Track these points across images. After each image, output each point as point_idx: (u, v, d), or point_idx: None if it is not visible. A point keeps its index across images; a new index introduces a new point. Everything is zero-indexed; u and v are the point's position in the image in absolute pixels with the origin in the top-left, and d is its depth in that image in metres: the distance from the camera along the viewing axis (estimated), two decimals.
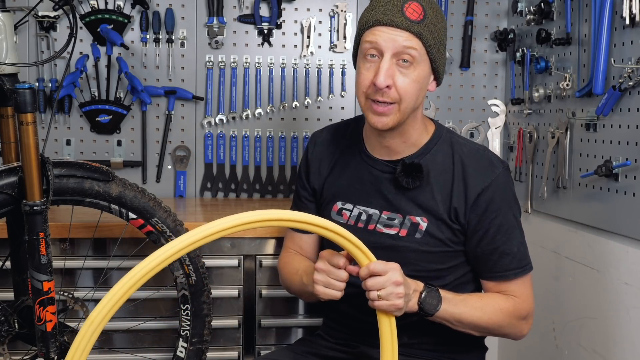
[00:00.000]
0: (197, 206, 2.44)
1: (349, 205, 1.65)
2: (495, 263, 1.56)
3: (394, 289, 1.35)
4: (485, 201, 1.53)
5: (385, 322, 1.38)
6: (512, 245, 1.56)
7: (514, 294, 1.57)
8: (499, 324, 1.53)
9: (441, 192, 1.55)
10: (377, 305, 1.36)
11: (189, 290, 1.86)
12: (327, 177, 1.70)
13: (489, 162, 1.57)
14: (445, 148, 1.59)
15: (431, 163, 1.57)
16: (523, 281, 1.58)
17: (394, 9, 1.45)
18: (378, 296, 1.34)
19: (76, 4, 2.47)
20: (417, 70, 1.47)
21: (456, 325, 1.50)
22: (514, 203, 1.59)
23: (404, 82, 1.46)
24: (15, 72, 1.62)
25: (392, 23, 1.44)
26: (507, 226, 1.55)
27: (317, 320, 2.09)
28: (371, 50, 1.46)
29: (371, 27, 1.46)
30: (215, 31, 2.57)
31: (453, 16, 2.68)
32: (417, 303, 1.43)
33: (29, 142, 1.57)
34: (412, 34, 1.44)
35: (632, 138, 1.85)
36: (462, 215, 1.54)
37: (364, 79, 1.48)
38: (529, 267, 1.60)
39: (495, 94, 2.71)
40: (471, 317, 1.49)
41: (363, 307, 1.64)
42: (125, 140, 2.58)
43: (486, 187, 1.53)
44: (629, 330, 1.85)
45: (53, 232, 1.70)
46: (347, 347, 1.68)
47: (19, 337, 1.75)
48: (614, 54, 1.90)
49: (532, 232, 2.40)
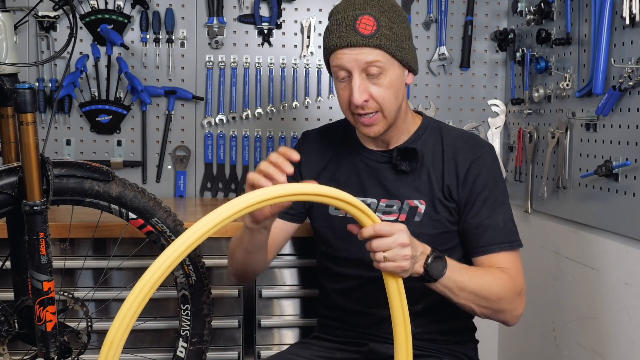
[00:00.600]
0: (197, 206, 2.44)
1: None
2: (481, 236, 1.57)
3: (400, 251, 1.33)
4: (473, 175, 1.59)
5: (392, 284, 1.36)
6: (497, 220, 1.58)
7: (505, 267, 1.58)
8: (499, 295, 1.52)
9: (435, 173, 1.61)
10: (382, 266, 1.34)
11: (189, 290, 1.86)
12: (321, 172, 1.71)
13: (476, 141, 1.66)
14: (435, 134, 1.66)
15: (423, 148, 1.63)
16: (512, 256, 1.58)
17: (347, 29, 1.49)
18: (384, 257, 1.33)
19: (76, 4, 2.47)
20: (388, 77, 1.52)
21: (458, 294, 1.47)
22: (500, 182, 1.63)
23: (379, 91, 1.51)
24: (15, 72, 1.62)
25: (349, 44, 1.49)
26: (493, 200, 1.59)
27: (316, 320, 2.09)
28: (340, 72, 1.53)
29: (333, 51, 1.52)
30: (215, 31, 2.57)
31: (453, 16, 2.68)
32: (423, 266, 1.41)
33: (29, 142, 1.57)
34: (371, 47, 1.49)
35: (632, 138, 1.85)
36: (455, 191, 1.60)
37: (343, 99, 1.55)
38: (517, 243, 1.60)
39: (495, 94, 2.71)
40: (474, 285, 1.48)
41: (366, 300, 1.65)
42: (125, 140, 2.58)
43: (474, 161, 1.60)
44: (628, 330, 1.85)
45: (53, 232, 1.70)
46: (355, 347, 1.67)
47: (19, 337, 1.75)
48: (614, 54, 1.90)
49: (532, 232, 2.40)
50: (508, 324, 1.60)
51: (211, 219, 1.13)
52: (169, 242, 1.80)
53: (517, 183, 2.54)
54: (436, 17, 2.66)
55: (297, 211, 1.74)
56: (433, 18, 2.65)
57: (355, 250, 1.63)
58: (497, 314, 1.55)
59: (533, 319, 2.38)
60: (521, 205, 2.47)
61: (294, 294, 2.15)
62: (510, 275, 1.55)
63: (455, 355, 1.67)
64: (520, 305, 1.58)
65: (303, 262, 2.13)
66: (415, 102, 2.68)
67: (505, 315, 1.57)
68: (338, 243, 1.68)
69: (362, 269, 1.63)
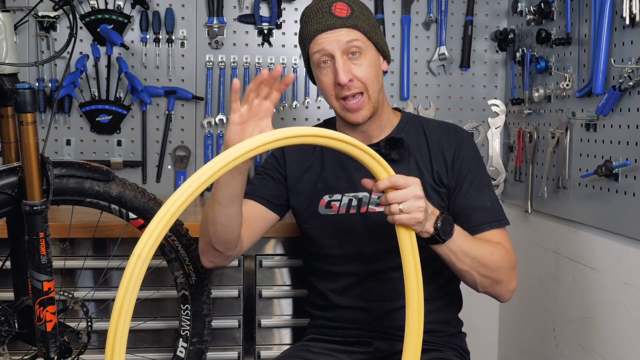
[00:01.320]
0: (197, 206, 2.44)
1: (337, 195, 1.68)
2: (471, 217, 1.61)
3: (415, 202, 1.36)
4: (459, 160, 1.65)
5: (405, 237, 1.37)
6: (484, 201, 1.63)
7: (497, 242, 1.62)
8: (498, 263, 1.55)
9: (423, 161, 1.66)
10: (397, 218, 1.36)
11: (189, 290, 1.86)
12: (305, 172, 1.72)
13: (455, 129, 1.72)
14: (416, 126, 1.72)
15: (408, 139, 1.67)
16: (501, 233, 1.63)
17: (324, 15, 1.58)
18: (400, 210, 1.35)
19: (76, 4, 2.48)
20: (367, 57, 1.59)
21: (462, 259, 1.50)
22: (482, 165, 1.70)
23: (361, 70, 1.58)
24: (15, 72, 1.62)
25: (329, 27, 1.57)
26: (478, 183, 1.64)
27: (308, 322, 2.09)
28: (322, 57, 1.58)
29: (313, 38, 1.59)
30: (215, 31, 2.57)
31: (453, 16, 2.68)
32: (433, 225, 1.43)
33: (29, 142, 1.57)
34: (349, 27, 1.57)
35: (632, 138, 1.85)
36: (445, 176, 1.65)
37: (327, 84, 1.60)
38: (505, 221, 1.65)
39: (495, 94, 2.71)
40: (477, 251, 1.52)
41: (366, 295, 1.66)
42: (125, 140, 2.58)
43: (457, 146, 1.66)
44: (628, 330, 1.85)
45: (53, 232, 1.70)
46: (360, 346, 1.67)
47: (19, 337, 1.75)
48: (614, 54, 1.90)
49: (532, 232, 2.40)
50: (503, 298, 1.63)
51: (218, 160, 1.13)
52: (169, 242, 1.80)
53: (517, 183, 2.54)
54: (436, 17, 2.66)
55: (280, 202, 1.73)
56: (433, 18, 2.65)
57: (351, 246, 1.63)
58: (494, 285, 1.58)
59: (533, 319, 2.38)
60: (521, 205, 2.47)
61: (294, 294, 2.15)
62: (505, 248, 1.60)
63: (454, 348, 1.69)
64: (514, 278, 1.62)
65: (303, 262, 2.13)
66: (415, 102, 2.68)
67: (502, 288, 1.59)
68: (332, 242, 1.68)
69: (360, 264, 1.63)
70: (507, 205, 2.54)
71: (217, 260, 1.66)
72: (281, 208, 1.74)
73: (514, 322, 2.57)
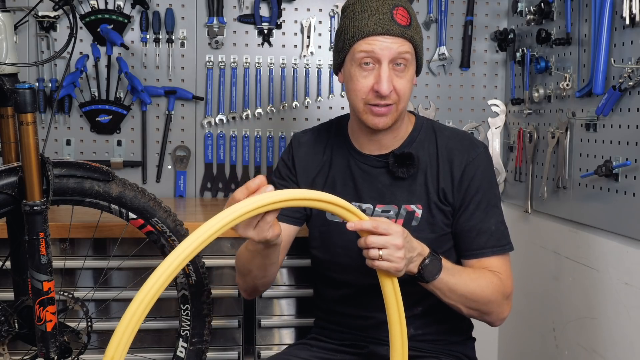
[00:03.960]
0: (197, 206, 2.44)
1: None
2: (473, 240, 1.58)
3: (395, 252, 1.34)
4: (467, 178, 1.58)
5: (387, 282, 1.37)
6: (490, 224, 1.58)
7: (494, 270, 1.58)
8: (488, 298, 1.53)
9: (431, 177, 1.60)
10: (377, 264, 1.34)
11: (189, 290, 1.86)
12: (315, 178, 1.70)
13: (470, 142, 1.64)
14: (429, 134, 1.65)
15: (419, 150, 1.62)
16: (503, 260, 1.60)
17: (385, 17, 1.49)
18: (379, 256, 1.33)
19: (76, 4, 2.48)
20: (410, 71, 1.54)
21: (448, 296, 1.49)
22: (494, 184, 1.64)
23: (402, 84, 1.52)
24: (15, 72, 1.62)
25: (387, 32, 1.49)
26: (486, 204, 1.59)
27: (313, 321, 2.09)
28: (366, 59, 1.51)
29: (366, 37, 1.50)
30: (215, 31, 2.57)
31: (453, 16, 2.68)
32: (418, 267, 1.42)
33: (29, 142, 1.57)
34: (405, 39, 1.51)
35: (632, 138, 1.85)
36: (450, 194, 1.59)
37: (362, 87, 1.52)
38: (509, 247, 1.61)
39: (495, 94, 2.71)
40: (465, 288, 1.49)
41: (363, 305, 1.65)
42: (125, 140, 2.58)
43: (469, 163, 1.59)
44: (628, 330, 1.85)
45: (53, 232, 1.70)
46: (355, 349, 1.67)
47: (19, 337, 1.75)
48: (614, 54, 1.90)
49: (532, 232, 2.40)
50: (492, 324, 1.62)
51: (213, 223, 1.19)
52: (169, 242, 1.80)
53: (517, 183, 2.54)
54: (436, 17, 2.66)
55: (301, 214, 1.72)
56: (433, 18, 2.66)
57: (354, 256, 1.62)
58: (483, 315, 1.57)
59: (533, 319, 2.38)
60: (521, 205, 2.47)
61: (294, 294, 2.15)
62: (500, 279, 1.56)
63: (454, 355, 1.67)
64: (507, 308, 1.60)
65: (303, 262, 2.13)
66: (416, 102, 2.68)
67: (492, 317, 1.58)
68: (336, 250, 1.66)
69: (359, 276, 1.61)
70: (507, 205, 2.54)
71: (258, 294, 1.78)
72: (302, 218, 1.72)
73: (514, 322, 2.57)
